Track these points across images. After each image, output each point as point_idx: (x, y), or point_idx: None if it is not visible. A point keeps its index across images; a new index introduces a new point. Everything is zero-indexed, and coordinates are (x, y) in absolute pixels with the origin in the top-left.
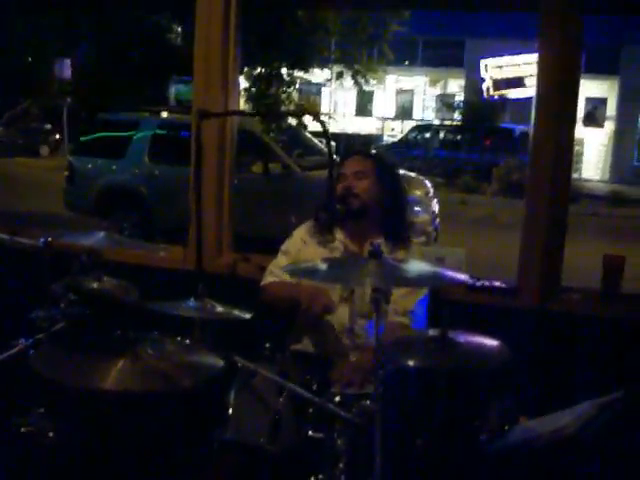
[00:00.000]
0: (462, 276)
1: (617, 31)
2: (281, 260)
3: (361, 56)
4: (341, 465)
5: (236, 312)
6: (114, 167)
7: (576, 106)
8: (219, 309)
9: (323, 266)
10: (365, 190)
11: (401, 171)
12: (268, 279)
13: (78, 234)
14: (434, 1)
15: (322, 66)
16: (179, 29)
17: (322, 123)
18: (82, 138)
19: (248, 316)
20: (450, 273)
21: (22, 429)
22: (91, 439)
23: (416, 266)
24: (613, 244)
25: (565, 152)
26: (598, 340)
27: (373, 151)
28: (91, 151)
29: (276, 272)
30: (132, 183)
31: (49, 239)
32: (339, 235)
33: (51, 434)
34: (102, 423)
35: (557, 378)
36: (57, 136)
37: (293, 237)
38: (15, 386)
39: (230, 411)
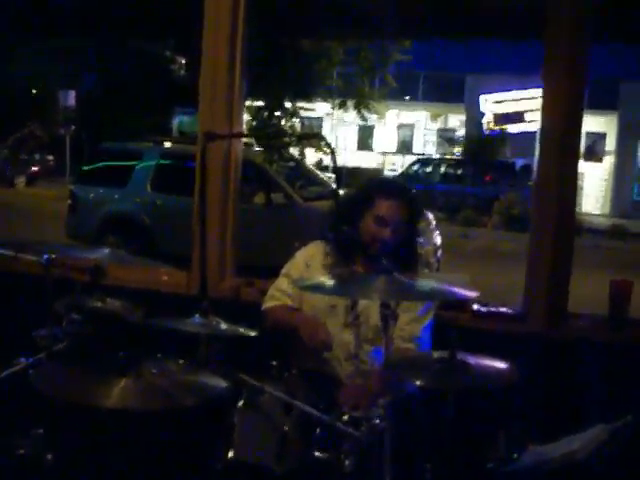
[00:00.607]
0: (472, 292)
1: (615, 67)
2: (282, 283)
3: (363, 84)
4: None
5: (241, 329)
6: (116, 196)
7: (579, 139)
8: (224, 326)
9: (331, 281)
10: (394, 240)
11: None
12: (269, 303)
13: (82, 250)
14: (437, 31)
15: (324, 97)
16: (182, 61)
17: (328, 144)
18: (84, 167)
19: (254, 333)
20: (460, 289)
21: (20, 451)
22: (91, 459)
23: (425, 282)
24: (616, 276)
25: (570, 182)
26: (606, 366)
27: (405, 191)
28: (93, 180)
29: (277, 295)
30: (135, 212)
31: (52, 256)
32: (359, 268)
33: (49, 456)
34: (103, 442)
35: (565, 405)
36: (50, 157)
37: (295, 259)
38: (15, 406)
39: (235, 430)
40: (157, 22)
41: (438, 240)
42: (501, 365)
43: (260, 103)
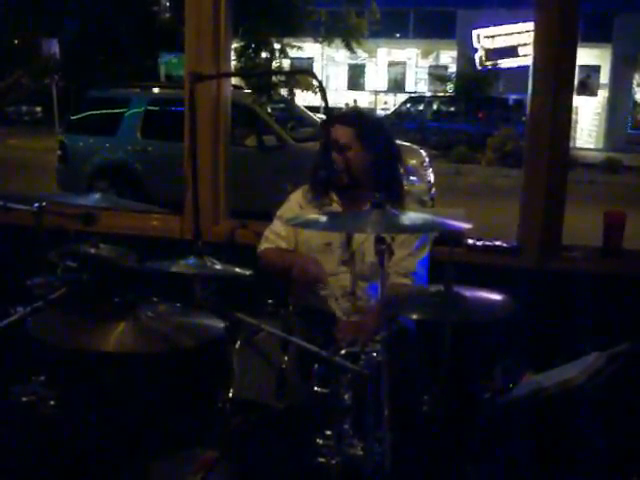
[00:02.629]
0: (466, 224)
1: (609, 0)
2: (276, 225)
3: (351, 17)
4: (349, 419)
5: (237, 269)
6: (107, 145)
7: (574, 72)
8: (219, 266)
9: (325, 217)
10: (349, 164)
11: (396, 141)
12: (264, 245)
13: (73, 196)
14: None
15: (312, 34)
16: (167, 3)
17: (318, 80)
18: (73, 116)
19: (249, 272)
20: (453, 221)
21: (23, 398)
22: (93, 404)
23: (418, 215)
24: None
25: (564, 116)
26: (600, 296)
27: (355, 113)
28: (83, 129)
29: (272, 238)
30: (126, 160)
31: (43, 204)
32: (335, 198)
33: (52, 402)
34: (104, 387)
35: (560, 335)
36: (38, 109)
37: (289, 202)
38: (14, 355)
39: (234, 369)
40: None
41: (431, 177)
42: (497, 297)
43: (244, 45)
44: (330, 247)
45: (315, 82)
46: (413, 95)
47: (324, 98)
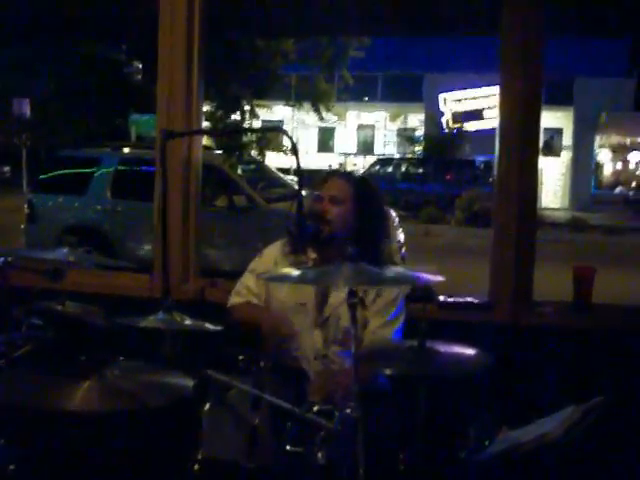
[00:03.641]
0: (438, 277)
1: (570, 63)
2: (248, 279)
3: (320, 82)
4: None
5: (206, 324)
6: (76, 204)
7: (538, 135)
8: (188, 322)
9: (297, 271)
10: (339, 217)
11: None
12: (234, 299)
13: (40, 251)
14: (393, 28)
15: (282, 97)
16: (139, 66)
17: (290, 138)
18: (42, 176)
19: (219, 328)
20: (426, 275)
21: None
22: (56, 467)
23: (391, 269)
24: None
25: (531, 177)
26: (572, 350)
27: (354, 174)
28: (52, 189)
29: (243, 292)
30: (95, 220)
31: (9, 259)
32: (312, 255)
33: (12, 467)
34: (68, 448)
35: (534, 390)
36: (6, 169)
37: (263, 256)
38: None
39: (204, 428)
40: (108, 25)
41: (402, 237)
42: (470, 352)
43: (215, 106)
44: (304, 307)
45: (287, 140)
46: (382, 157)
47: (296, 155)
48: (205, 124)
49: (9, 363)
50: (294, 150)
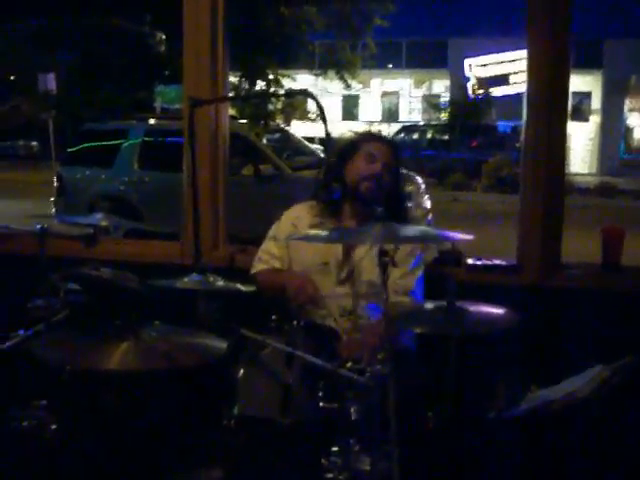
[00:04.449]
0: (468, 236)
1: (599, 25)
2: (269, 245)
3: (345, 51)
4: (355, 434)
5: (239, 285)
6: (103, 176)
7: (567, 99)
8: (222, 282)
9: (323, 232)
10: (388, 184)
11: None
12: (257, 267)
13: (75, 217)
14: None
15: (307, 66)
16: (163, 37)
17: (317, 101)
18: (70, 149)
19: (252, 288)
20: (456, 234)
21: (24, 423)
22: (95, 427)
23: (420, 227)
24: None
25: (559, 143)
26: (600, 311)
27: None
28: (80, 161)
29: (265, 258)
30: (122, 191)
31: (45, 225)
32: (347, 219)
33: (53, 426)
34: (106, 408)
35: (562, 351)
36: (34, 143)
37: (281, 221)
38: (15, 379)
39: (239, 386)
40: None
41: (428, 204)
42: (499, 310)
43: (240, 76)
44: (327, 267)
45: (312, 107)
46: (407, 124)
47: (323, 117)
48: (230, 94)
49: (48, 327)
50: (321, 112)
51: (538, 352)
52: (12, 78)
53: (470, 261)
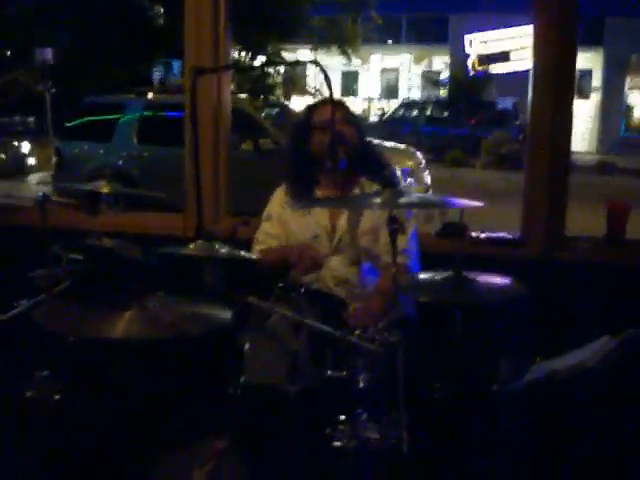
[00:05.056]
0: (477, 203)
1: (601, 3)
2: (265, 226)
3: (346, 24)
4: (363, 402)
5: (244, 253)
6: (102, 150)
7: (574, 74)
8: (227, 249)
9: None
10: (353, 136)
11: (391, 143)
12: (256, 248)
13: (77, 184)
14: None
15: (307, 40)
16: (161, 10)
17: (323, 69)
18: (68, 123)
19: (257, 256)
20: (465, 200)
21: (27, 393)
22: (99, 396)
23: (428, 194)
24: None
25: (565, 118)
26: (605, 285)
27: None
28: (78, 136)
29: (261, 239)
30: (122, 165)
31: (47, 194)
32: (319, 193)
33: (57, 396)
34: (111, 377)
35: (566, 324)
36: (30, 119)
37: (272, 202)
38: (18, 349)
39: (246, 354)
40: None
41: (428, 180)
42: (506, 280)
43: (240, 49)
44: (318, 239)
45: (311, 82)
46: (407, 101)
47: (329, 85)
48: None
49: (50, 297)
50: (327, 81)
51: (543, 325)
52: (9, 54)
53: (474, 234)
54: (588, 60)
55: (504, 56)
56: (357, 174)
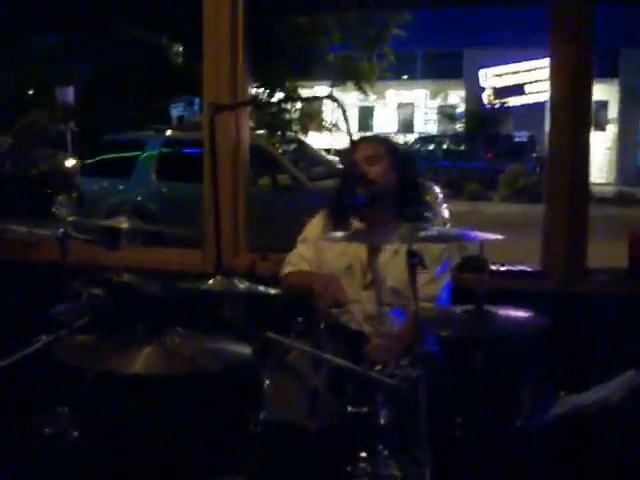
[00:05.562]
0: (496, 236)
1: (615, 34)
2: (300, 248)
3: (362, 61)
4: (384, 439)
5: (264, 288)
6: (121, 187)
7: (590, 108)
8: (247, 285)
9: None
10: (379, 175)
11: None
12: (287, 269)
13: (98, 221)
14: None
15: (324, 76)
16: (180, 49)
17: (340, 104)
18: (88, 161)
19: (277, 291)
20: (483, 234)
21: (46, 430)
22: (118, 432)
23: (447, 228)
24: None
25: (582, 152)
26: (628, 317)
27: (382, 136)
28: (98, 173)
29: (294, 261)
30: (141, 202)
31: (68, 229)
32: (356, 224)
33: (75, 433)
34: (129, 413)
35: (588, 358)
36: None
37: (311, 225)
38: (38, 385)
39: (266, 390)
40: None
41: (446, 213)
42: (527, 314)
43: (258, 86)
44: (351, 270)
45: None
46: (423, 135)
47: (345, 119)
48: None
49: (70, 332)
50: (344, 114)
51: (566, 358)
52: (30, 93)
53: (494, 267)
54: (604, 92)
55: (519, 89)
56: (385, 211)
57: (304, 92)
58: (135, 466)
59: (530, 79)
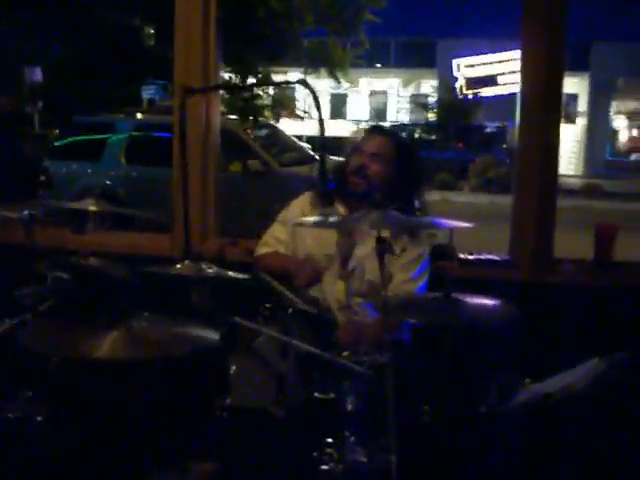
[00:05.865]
0: (465, 224)
1: (587, 27)
2: (275, 229)
3: (336, 47)
4: (351, 425)
5: (233, 273)
6: (90, 170)
7: (560, 99)
8: (215, 269)
9: (324, 218)
10: (378, 174)
11: None
12: (262, 249)
13: (65, 203)
14: None
15: (297, 62)
16: (151, 31)
17: (312, 90)
18: (56, 142)
19: (246, 276)
20: (452, 222)
21: (9, 415)
22: (82, 417)
23: (419, 217)
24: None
25: (552, 143)
26: (593, 307)
27: (398, 133)
28: (66, 155)
29: (270, 242)
30: (110, 185)
31: (34, 212)
32: (340, 209)
33: (39, 418)
34: (94, 398)
35: (554, 347)
36: None
37: (290, 207)
38: (1, 369)
39: (232, 376)
40: None
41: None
42: (496, 302)
43: (230, 70)
44: (329, 259)
45: (300, 105)
46: (395, 124)
47: (317, 106)
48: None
49: (34, 316)
50: (316, 101)
51: (531, 347)
52: None
53: (462, 256)
54: (574, 85)
55: (492, 80)
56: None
57: (277, 78)
58: (100, 451)
59: (503, 70)
